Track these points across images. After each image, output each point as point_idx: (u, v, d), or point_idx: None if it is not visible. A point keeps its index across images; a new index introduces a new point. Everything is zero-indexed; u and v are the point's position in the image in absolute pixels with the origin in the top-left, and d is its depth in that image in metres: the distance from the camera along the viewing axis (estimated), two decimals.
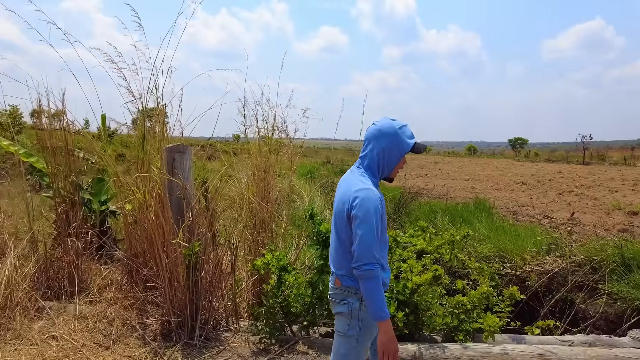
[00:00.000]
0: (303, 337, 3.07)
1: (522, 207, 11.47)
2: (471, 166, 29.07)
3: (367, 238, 1.78)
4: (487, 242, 7.01)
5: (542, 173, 21.66)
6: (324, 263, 2.98)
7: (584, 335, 3.37)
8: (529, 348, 3.02)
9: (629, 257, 5.93)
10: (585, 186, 15.10)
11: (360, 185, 1.87)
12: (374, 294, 1.78)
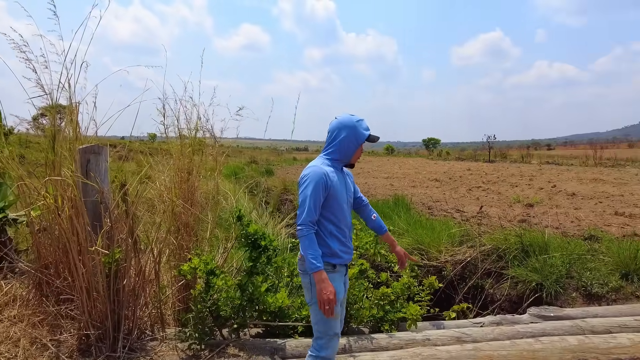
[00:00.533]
0: (233, 340, 3.03)
1: (436, 202, 12.27)
2: (389, 165, 30.43)
3: (303, 203, 2.15)
4: (407, 236, 7.42)
5: (453, 170, 23.34)
6: (253, 265, 2.97)
7: (492, 316, 3.73)
8: (447, 332, 3.28)
9: (527, 244, 6.65)
10: (491, 182, 16.56)
11: (311, 165, 2.27)
12: (306, 249, 2.13)
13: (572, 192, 12.79)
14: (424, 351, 2.95)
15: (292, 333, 3.16)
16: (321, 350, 2.27)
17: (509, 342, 3.11)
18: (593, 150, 29.36)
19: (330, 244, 2.27)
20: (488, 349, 3.00)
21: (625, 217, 9.14)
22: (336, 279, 2.29)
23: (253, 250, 2.97)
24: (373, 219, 2.63)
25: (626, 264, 5.71)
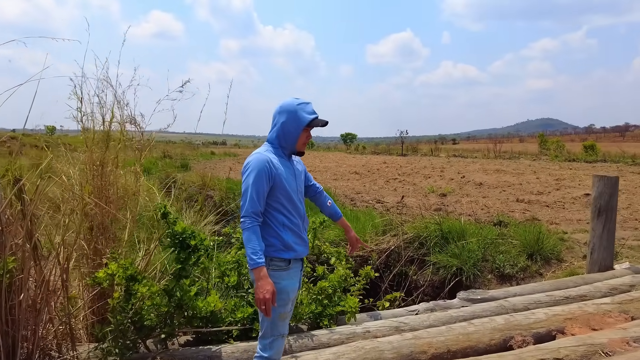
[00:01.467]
0: (160, 352, 2.69)
1: (358, 194, 12.57)
2: (311, 159, 30.67)
3: (245, 193, 2.04)
4: (333, 228, 7.42)
5: (371, 164, 24.18)
6: (182, 267, 2.66)
7: (425, 304, 3.80)
8: (385, 322, 3.26)
9: (446, 232, 7.00)
10: (406, 174, 17.39)
11: (255, 152, 2.14)
12: (246, 243, 1.99)
13: (480, 182, 13.89)
14: (366, 344, 2.88)
15: (227, 338, 2.90)
16: (265, 350, 2.12)
17: (445, 328, 3.18)
18: (493, 144, 32.30)
19: (284, 236, 2.11)
20: (427, 337, 3.02)
21: (525, 204, 10.12)
22: (291, 276, 2.13)
23: (181, 251, 2.65)
24: (328, 205, 2.52)
25: (531, 245, 6.27)
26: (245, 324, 2.93)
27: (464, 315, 3.47)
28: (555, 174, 15.47)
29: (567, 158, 22.43)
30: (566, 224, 7.88)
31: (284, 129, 2.15)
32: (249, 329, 2.94)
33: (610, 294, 4.10)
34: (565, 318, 3.49)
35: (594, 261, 4.92)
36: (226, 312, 2.92)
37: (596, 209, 4.88)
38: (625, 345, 3.07)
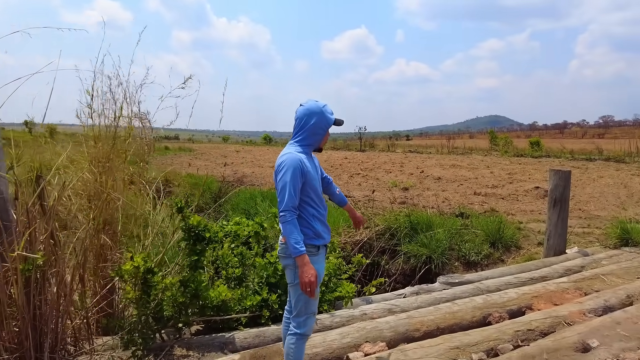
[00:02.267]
0: (177, 340, 2.82)
1: None
2: (271, 154, 30.62)
3: (284, 190, 2.19)
4: None
5: (332, 159, 24.54)
6: (198, 259, 2.79)
7: (411, 287, 4.14)
8: (379, 305, 3.56)
9: (415, 223, 7.43)
10: (368, 169, 17.90)
11: (286, 152, 2.31)
12: (289, 234, 2.18)
13: (438, 176, 14.60)
14: (366, 325, 3.16)
15: (237, 325, 3.07)
16: (299, 327, 2.33)
17: (433, 308, 3.52)
18: (446, 140, 33.67)
19: (315, 226, 2.33)
20: (418, 316, 3.35)
21: (482, 196, 10.82)
22: (319, 261, 2.35)
23: (197, 243, 2.79)
24: (337, 193, 2.76)
25: (492, 234, 6.82)
26: (255, 311, 3.12)
27: (446, 297, 3.83)
28: (507, 168, 16.54)
29: (516, 153, 23.92)
30: (521, 215, 8.57)
31: (312, 130, 2.34)
32: (257, 315, 3.12)
33: (566, 274, 4.64)
34: (532, 296, 3.95)
35: (550, 246, 5.49)
36: (234, 301, 3.08)
37: (552, 200, 5.44)
38: (582, 316, 3.55)
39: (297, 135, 2.37)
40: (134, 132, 3.23)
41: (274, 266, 3.22)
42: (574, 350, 2.96)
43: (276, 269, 3.21)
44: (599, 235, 6.75)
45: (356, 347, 2.95)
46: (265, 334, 3.00)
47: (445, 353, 2.87)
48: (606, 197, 10.41)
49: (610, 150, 23.76)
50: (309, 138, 2.36)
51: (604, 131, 68.77)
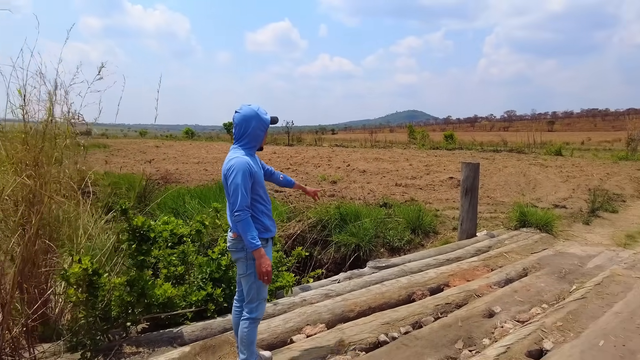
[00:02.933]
0: (124, 339, 2.85)
1: None
2: (195, 149, 29.68)
3: (236, 191, 2.36)
4: None
5: (261, 154, 24.35)
6: (144, 258, 2.83)
7: (344, 273, 4.48)
8: (317, 292, 3.84)
9: (344, 214, 7.86)
10: (297, 163, 18.20)
11: (233, 156, 2.46)
12: (246, 231, 2.37)
13: (363, 169, 15.33)
14: (307, 309, 3.43)
15: (183, 320, 3.16)
16: (252, 312, 2.53)
17: (365, 290, 3.89)
18: (369, 134, 35.07)
19: (264, 221, 2.53)
20: (352, 298, 3.69)
21: (403, 187, 11.63)
22: (268, 252, 2.54)
23: (143, 243, 2.83)
24: (281, 179, 2.97)
25: (413, 222, 7.45)
26: (200, 305, 3.23)
27: (376, 280, 4.23)
28: (424, 160, 17.81)
29: (432, 146, 25.72)
30: (438, 203, 9.39)
31: (254, 133, 2.51)
32: (203, 309, 3.24)
33: (476, 254, 5.30)
34: (449, 274, 4.49)
35: (463, 230, 6.18)
36: (178, 297, 3.17)
37: (464, 189, 6.13)
38: (489, 289, 4.14)
39: (240, 140, 2.52)
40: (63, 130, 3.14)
41: (217, 262, 3.35)
42: (482, 317, 3.49)
43: (219, 265, 3.34)
44: (503, 219, 7.68)
45: (298, 331, 3.20)
46: (212, 326, 3.14)
47: (378, 328, 3.23)
48: (509, 185, 11.74)
49: (513, 142, 26.51)
50: (251, 141, 2.53)
51: (508, 124, 76.05)
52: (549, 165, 16.58)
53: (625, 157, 19.81)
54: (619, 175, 13.70)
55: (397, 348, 2.95)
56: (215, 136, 65.24)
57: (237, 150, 2.51)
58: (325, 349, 2.89)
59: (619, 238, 6.65)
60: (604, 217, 8.16)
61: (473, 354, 2.91)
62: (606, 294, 3.93)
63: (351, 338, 3.05)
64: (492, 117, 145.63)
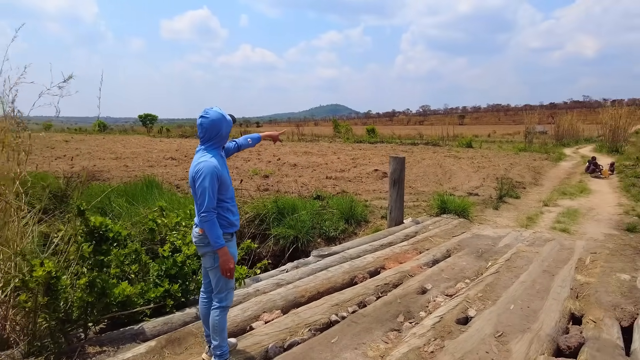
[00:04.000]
0: (84, 341, 2.83)
1: (182, 180, 12.59)
2: (110, 144, 27.84)
3: (203, 194, 2.50)
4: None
5: (185, 148, 23.70)
6: (103, 259, 2.83)
7: (291, 263, 4.74)
8: (268, 282, 4.06)
9: (282, 208, 8.10)
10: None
11: (201, 159, 2.58)
12: (211, 231, 2.53)
13: (294, 163, 15.64)
14: (262, 298, 3.64)
15: (142, 318, 3.20)
16: (222, 301, 2.70)
17: (313, 277, 4.19)
18: (296, 127, 35.42)
19: (229, 217, 2.68)
20: (302, 285, 3.97)
21: (333, 180, 12.14)
22: (233, 245, 2.71)
23: (103, 243, 2.82)
24: (250, 142, 3.07)
25: (346, 212, 7.91)
26: (159, 302, 3.29)
27: (321, 267, 4.56)
28: (351, 154, 18.58)
29: (356, 140, 26.78)
30: (366, 194, 10.00)
31: (221, 135, 2.65)
32: (162, 305, 3.30)
33: (406, 239, 5.86)
34: (384, 258, 4.96)
35: (392, 218, 6.75)
36: (136, 295, 3.20)
37: (392, 181, 6.68)
38: (419, 269, 4.66)
39: (208, 142, 2.65)
40: None
41: (172, 259, 3.43)
42: (416, 294, 3.97)
43: (175, 262, 3.42)
44: (425, 207, 8.45)
45: (256, 318, 3.41)
46: (172, 320, 3.23)
47: (328, 310, 3.55)
48: (428, 175, 12.78)
49: (429, 135, 28.52)
50: (219, 142, 2.68)
51: (423, 119, 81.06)
52: (462, 157, 18.21)
53: (524, 149, 22.38)
54: (519, 165, 15.52)
55: (348, 325, 3.29)
56: (130, 129, 61.37)
57: (205, 153, 2.62)
58: (285, 331, 3.15)
59: (522, 220, 7.71)
60: (509, 203, 9.33)
61: (413, 325, 3.35)
62: (514, 267, 4.65)
63: (306, 320, 3.34)
64: (409, 111, 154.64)
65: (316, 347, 2.97)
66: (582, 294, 4.00)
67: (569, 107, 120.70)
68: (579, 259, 5.02)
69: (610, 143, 23.89)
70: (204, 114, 2.64)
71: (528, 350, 2.94)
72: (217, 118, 2.63)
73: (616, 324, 3.39)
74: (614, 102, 34.02)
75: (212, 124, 2.61)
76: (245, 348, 2.90)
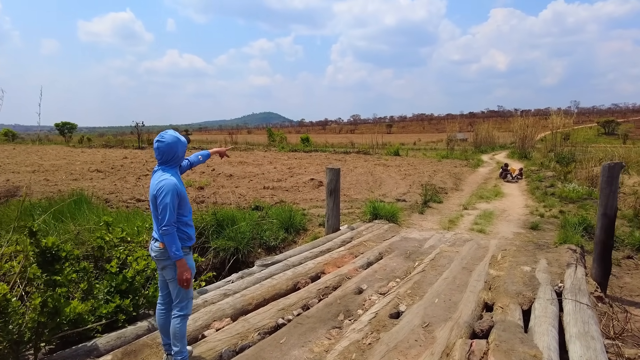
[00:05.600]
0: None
1: (111, 194, 12.10)
2: (23, 155, 25.62)
3: (164, 210, 2.70)
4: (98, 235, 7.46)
5: (110, 159, 22.53)
6: (56, 280, 2.86)
7: (236, 274, 4.94)
8: (216, 292, 4.25)
9: (221, 220, 8.20)
10: None
11: (162, 178, 2.79)
12: (171, 244, 2.74)
13: (229, 174, 15.63)
14: (212, 308, 3.83)
15: (93, 334, 3.24)
16: (183, 310, 2.89)
17: (259, 285, 4.45)
18: (228, 135, 35.08)
19: (187, 231, 2.88)
20: (249, 294, 4.22)
21: (271, 190, 12.38)
22: (190, 258, 2.90)
23: (56, 263, 2.86)
24: (201, 159, 3.28)
25: (285, 222, 8.22)
26: (111, 317, 3.35)
27: (265, 275, 4.82)
28: (286, 163, 18.91)
29: (291, 149, 27.18)
30: (304, 203, 10.38)
31: (178, 154, 2.87)
32: (114, 320, 3.37)
33: (343, 245, 6.31)
34: (324, 264, 5.34)
35: (329, 226, 7.18)
36: (87, 313, 3.25)
37: (329, 191, 7.12)
38: (356, 271, 5.11)
39: (167, 162, 2.86)
40: None
41: (123, 275, 3.51)
42: (354, 294, 4.39)
43: (125, 277, 3.51)
44: (359, 214, 9.01)
45: (207, 327, 3.60)
46: (125, 334, 3.32)
47: (276, 314, 3.84)
48: (360, 183, 13.48)
49: (360, 144, 29.73)
50: (176, 162, 2.91)
51: (354, 127, 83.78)
52: (390, 164, 19.33)
53: (446, 156, 24.20)
54: (442, 172, 16.86)
55: (294, 327, 3.60)
56: (45, 138, 56.68)
57: (165, 172, 2.83)
58: (236, 336, 3.39)
59: (444, 223, 8.53)
60: (433, 207, 10.22)
61: (352, 322, 3.74)
62: (438, 266, 5.26)
63: (255, 325, 3.60)
64: (341, 120, 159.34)
65: (266, 348, 3.24)
66: (494, 286, 4.66)
67: (486, 116, 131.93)
68: (492, 256, 5.77)
69: (520, 150, 26.64)
70: (160, 139, 2.85)
71: (449, 336, 3.45)
72: (172, 141, 2.85)
73: (518, 308, 4.05)
74: (522, 113, 38.09)
75: (168, 147, 2.82)
76: (200, 354, 3.10)
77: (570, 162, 17.15)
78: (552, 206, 10.25)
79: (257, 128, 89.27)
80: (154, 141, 2.85)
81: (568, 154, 19.26)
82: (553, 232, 7.92)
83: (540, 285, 4.52)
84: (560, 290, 4.43)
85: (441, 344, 3.33)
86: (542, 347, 3.17)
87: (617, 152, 16.97)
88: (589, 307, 3.95)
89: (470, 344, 3.28)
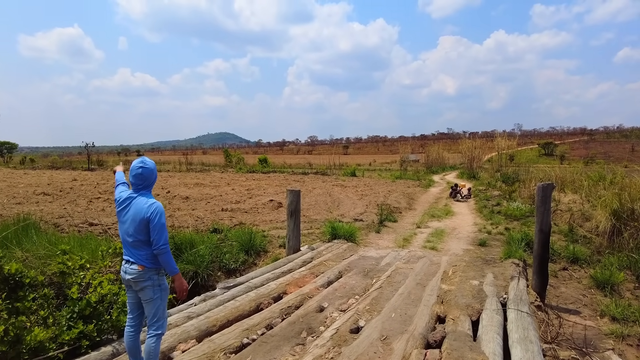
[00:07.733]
0: None
1: (61, 218, 11.60)
2: None
3: (162, 230, 2.92)
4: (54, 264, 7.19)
5: (57, 182, 21.50)
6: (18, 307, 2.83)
7: (198, 297, 4.97)
8: (179, 315, 4.28)
9: (179, 243, 8.13)
10: (108, 192, 16.86)
11: (150, 201, 2.98)
12: (170, 260, 2.98)
13: (186, 195, 15.40)
14: (177, 330, 3.87)
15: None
16: (159, 329, 3.02)
17: (222, 307, 4.52)
18: (183, 155, 34.46)
19: None
20: (213, 315, 4.28)
21: (229, 212, 12.35)
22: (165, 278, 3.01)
23: (19, 290, 2.83)
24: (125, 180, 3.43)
25: (246, 244, 8.28)
26: (73, 344, 3.32)
27: (228, 297, 4.90)
28: (245, 184, 18.89)
29: (249, 170, 27.13)
30: (263, 224, 10.47)
31: (155, 179, 3.09)
32: (77, 347, 3.33)
33: (304, 265, 6.48)
34: (286, 284, 5.49)
35: (290, 247, 7.33)
36: (48, 340, 3.20)
37: (289, 212, 7.31)
38: (317, 290, 5.29)
39: (147, 187, 3.06)
40: None
41: (87, 300, 3.50)
42: (316, 312, 4.57)
43: (89, 302, 3.50)
44: (319, 234, 9.23)
45: (173, 349, 3.65)
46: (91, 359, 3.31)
47: (240, 334, 3.94)
48: (319, 204, 13.75)
49: (318, 165, 30.18)
50: (151, 187, 3.11)
51: (312, 148, 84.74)
52: (347, 185, 19.80)
53: (400, 177, 25.08)
54: (396, 192, 17.49)
55: (259, 345, 3.73)
56: None
57: (148, 197, 3.02)
58: (202, 357, 3.46)
59: (399, 241, 8.92)
60: (389, 226, 10.64)
61: (315, 338, 3.92)
62: (394, 282, 5.55)
63: (221, 345, 3.69)
64: (299, 141, 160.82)
65: None
66: (445, 299, 4.99)
67: (437, 138, 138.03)
68: (444, 272, 6.16)
69: (469, 170, 28.12)
70: (143, 165, 3.01)
71: (406, 347, 3.70)
72: (154, 167, 3.10)
73: (468, 319, 4.39)
74: (470, 135, 40.38)
75: (150, 172, 3.04)
76: None
77: (514, 182, 18.38)
78: (499, 224, 10.97)
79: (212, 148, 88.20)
80: (133, 167, 2.98)
81: (513, 174, 20.64)
82: (499, 247, 8.50)
83: (488, 297, 4.91)
84: (505, 301, 4.84)
85: (398, 355, 3.57)
86: (489, 353, 3.49)
87: (554, 172, 18.42)
88: (529, 314, 4.36)
89: (425, 353, 3.55)
